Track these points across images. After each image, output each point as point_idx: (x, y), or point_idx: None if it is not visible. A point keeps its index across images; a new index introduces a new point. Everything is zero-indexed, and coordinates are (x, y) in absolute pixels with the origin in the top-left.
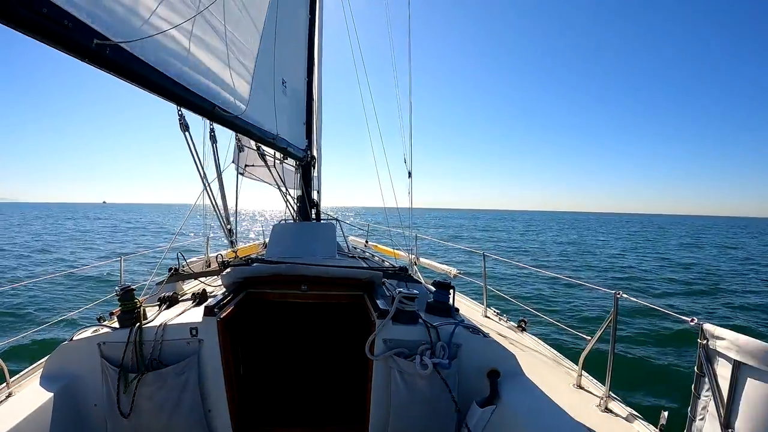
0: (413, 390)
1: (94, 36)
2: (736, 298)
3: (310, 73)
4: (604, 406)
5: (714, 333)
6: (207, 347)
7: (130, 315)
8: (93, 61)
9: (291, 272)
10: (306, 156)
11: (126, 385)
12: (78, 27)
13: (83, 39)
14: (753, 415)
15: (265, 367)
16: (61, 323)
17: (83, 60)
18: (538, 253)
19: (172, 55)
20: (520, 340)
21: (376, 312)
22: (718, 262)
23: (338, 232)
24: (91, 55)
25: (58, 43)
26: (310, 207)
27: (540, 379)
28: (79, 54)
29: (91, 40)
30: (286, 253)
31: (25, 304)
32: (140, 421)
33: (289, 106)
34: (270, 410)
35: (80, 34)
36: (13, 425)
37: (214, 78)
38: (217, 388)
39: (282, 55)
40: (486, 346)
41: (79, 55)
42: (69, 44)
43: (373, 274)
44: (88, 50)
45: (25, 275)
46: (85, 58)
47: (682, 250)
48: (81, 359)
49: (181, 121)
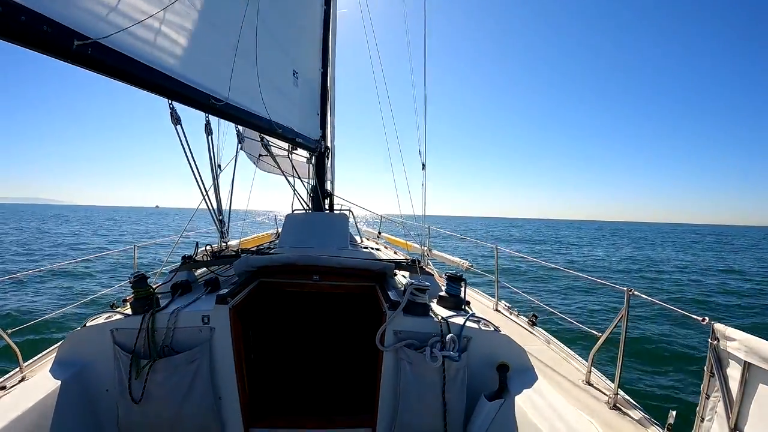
0: (422, 382)
1: (75, 37)
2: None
3: (325, 64)
4: (613, 403)
5: (725, 333)
6: (218, 335)
7: (143, 302)
8: (77, 62)
9: (303, 262)
10: (319, 146)
11: (138, 371)
12: (57, 30)
13: (64, 41)
14: (762, 417)
15: (276, 356)
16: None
17: (67, 61)
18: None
19: (161, 48)
20: (530, 335)
21: (387, 303)
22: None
23: (351, 223)
24: (74, 56)
25: (40, 48)
26: (323, 197)
27: (549, 375)
28: (62, 56)
29: (72, 42)
30: (299, 243)
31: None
32: (151, 407)
33: (300, 96)
34: (280, 399)
35: (60, 37)
36: (26, 409)
37: (207, 68)
38: (227, 376)
39: (294, 46)
40: (496, 340)
41: (63, 57)
42: (51, 48)
43: (385, 266)
44: (70, 51)
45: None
46: (68, 60)
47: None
48: (94, 345)
49: (173, 114)
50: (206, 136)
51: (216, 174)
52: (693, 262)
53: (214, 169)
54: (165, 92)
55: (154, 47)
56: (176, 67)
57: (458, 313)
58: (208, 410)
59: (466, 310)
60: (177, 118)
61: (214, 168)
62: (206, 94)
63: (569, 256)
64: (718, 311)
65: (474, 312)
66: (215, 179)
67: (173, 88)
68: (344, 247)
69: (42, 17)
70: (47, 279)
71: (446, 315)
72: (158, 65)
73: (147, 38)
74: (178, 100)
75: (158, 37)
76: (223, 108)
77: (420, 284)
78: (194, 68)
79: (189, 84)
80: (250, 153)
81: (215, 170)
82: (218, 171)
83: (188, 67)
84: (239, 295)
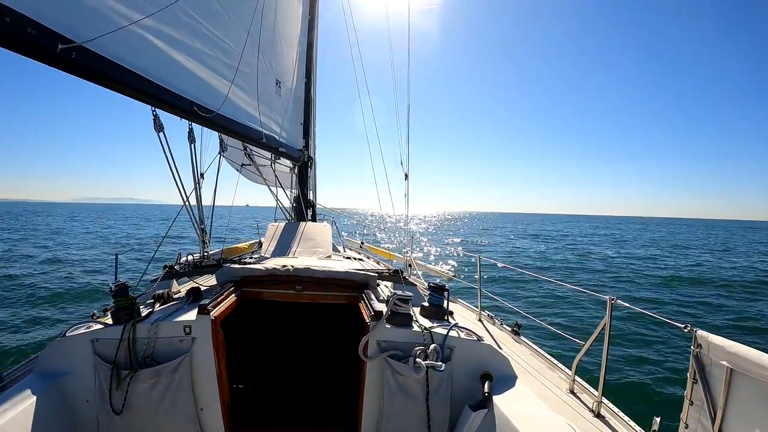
0: (406, 392)
1: (59, 40)
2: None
3: (309, 74)
4: (597, 411)
5: (707, 340)
6: (200, 345)
7: (123, 312)
8: (60, 66)
9: (285, 272)
10: (302, 156)
11: (119, 382)
12: (42, 33)
13: (48, 45)
14: (745, 421)
15: (259, 366)
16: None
17: (50, 65)
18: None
19: (145, 54)
20: (513, 344)
21: (371, 313)
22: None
23: (334, 233)
24: (57, 60)
25: (24, 50)
26: (306, 207)
27: (533, 384)
28: (46, 60)
29: (56, 45)
30: (282, 252)
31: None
32: (132, 418)
33: (283, 106)
34: (262, 410)
35: (44, 40)
36: (4, 421)
37: (192, 77)
38: (209, 386)
39: (277, 55)
40: (479, 350)
41: (46, 60)
42: (34, 51)
43: (367, 276)
44: (54, 55)
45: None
46: (51, 63)
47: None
48: (74, 355)
49: (156, 121)
50: (189, 144)
51: (198, 182)
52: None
53: (197, 177)
54: (148, 99)
55: (138, 53)
56: (160, 74)
57: (441, 323)
58: (189, 421)
59: (449, 320)
60: (160, 125)
61: (197, 176)
62: (190, 102)
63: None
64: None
65: (457, 322)
66: (197, 187)
67: (156, 94)
68: (327, 256)
69: (27, 19)
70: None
71: (429, 325)
72: (142, 71)
73: (132, 44)
74: (160, 107)
75: (143, 43)
76: (208, 117)
77: (403, 294)
78: (178, 76)
79: (172, 91)
80: (232, 161)
81: (198, 178)
82: (200, 179)
83: (172, 75)
84: (221, 305)
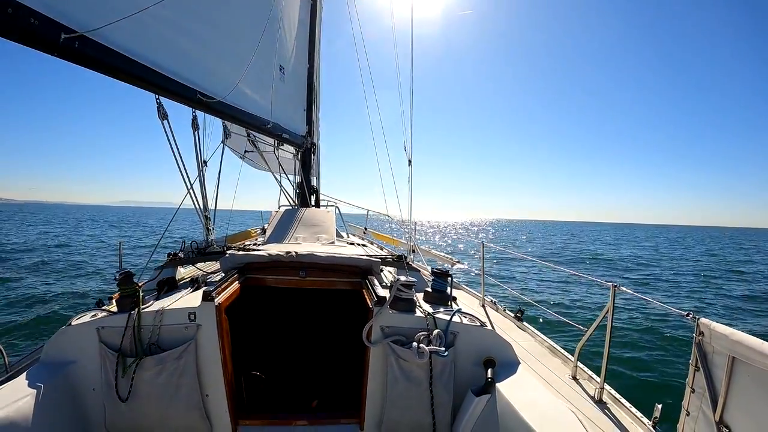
0: (409, 377)
1: (62, 30)
2: None
3: (312, 59)
4: (599, 397)
5: (710, 328)
6: (205, 332)
7: (128, 300)
8: (64, 56)
9: (289, 258)
10: (306, 142)
11: (124, 369)
12: (44, 23)
13: (51, 35)
14: (746, 409)
15: (264, 352)
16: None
17: (54, 55)
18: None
19: (149, 42)
20: (516, 330)
21: (374, 299)
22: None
23: (337, 219)
24: (61, 50)
25: (27, 41)
26: (310, 193)
27: (536, 369)
28: (48, 50)
29: (59, 35)
30: (285, 238)
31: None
32: (138, 405)
33: (286, 92)
34: (267, 395)
35: (47, 30)
36: (11, 409)
37: (196, 64)
38: (214, 373)
39: (280, 41)
40: (482, 335)
41: (49, 50)
42: (37, 41)
43: (371, 262)
44: (57, 45)
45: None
46: (55, 53)
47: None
48: (80, 343)
49: (160, 109)
50: (193, 131)
51: (202, 169)
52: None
53: (200, 164)
54: (151, 87)
55: (141, 42)
56: (163, 62)
57: (445, 309)
58: (195, 407)
59: (452, 305)
60: (164, 114)
61: (200, 164)
62: (193, 90)
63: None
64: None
65: (460, 307)
66: (201, 175)
67: (159, 82)
68: (331, 242)
69: (29, 9)
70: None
71: (433, 310)
72: (145, 60)
73: (135, 33)
74: (164, 95)
75: (146, 32)
76: (212, 104)
77: (406, 280)
78: (181, 63)
79: (176, 79)
80: (234, 149)
81: (201, 166)
82: (204, 167)
83: (175, 63)
84: (225, 292)
